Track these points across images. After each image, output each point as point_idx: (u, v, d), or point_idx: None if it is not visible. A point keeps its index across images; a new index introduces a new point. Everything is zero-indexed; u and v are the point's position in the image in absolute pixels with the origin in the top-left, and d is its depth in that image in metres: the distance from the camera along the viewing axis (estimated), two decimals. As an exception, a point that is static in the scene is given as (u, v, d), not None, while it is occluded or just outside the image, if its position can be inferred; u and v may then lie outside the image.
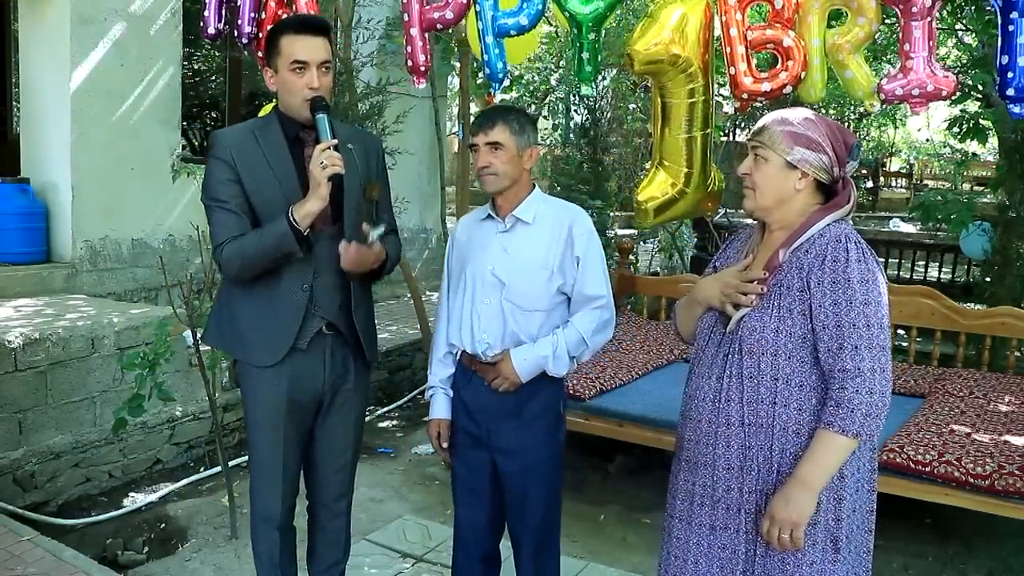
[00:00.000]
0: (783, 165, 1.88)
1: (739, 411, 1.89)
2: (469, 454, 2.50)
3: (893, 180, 19.93)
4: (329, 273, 2.39)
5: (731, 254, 2.10)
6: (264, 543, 2.55)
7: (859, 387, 1.77)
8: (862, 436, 1.79)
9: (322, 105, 2.29)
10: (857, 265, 1.81)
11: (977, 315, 4.67)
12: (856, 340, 1.78)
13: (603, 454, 4.60)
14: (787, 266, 1.88)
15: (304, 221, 2.24)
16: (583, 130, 7.59)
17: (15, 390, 3.83)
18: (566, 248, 2.39)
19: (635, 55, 2.75)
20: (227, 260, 2.31)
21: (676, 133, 2.86)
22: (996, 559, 3.70)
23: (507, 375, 2.37)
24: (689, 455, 2.00)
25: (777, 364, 1.85)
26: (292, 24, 2.36)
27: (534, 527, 2.49)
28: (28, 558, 3.10)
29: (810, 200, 1.91)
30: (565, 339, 2.39)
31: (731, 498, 1.92)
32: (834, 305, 1.80)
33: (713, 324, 2.00)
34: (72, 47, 5.25)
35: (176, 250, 5.89)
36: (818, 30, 2.42)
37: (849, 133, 1.91)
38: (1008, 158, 6.05)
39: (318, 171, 2.22)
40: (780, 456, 1.87)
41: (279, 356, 2.37)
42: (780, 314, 1.85)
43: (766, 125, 1.91)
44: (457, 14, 2.70)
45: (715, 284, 1.99)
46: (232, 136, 2.39)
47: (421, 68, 2.78)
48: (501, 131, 2.34)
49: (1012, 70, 2.12)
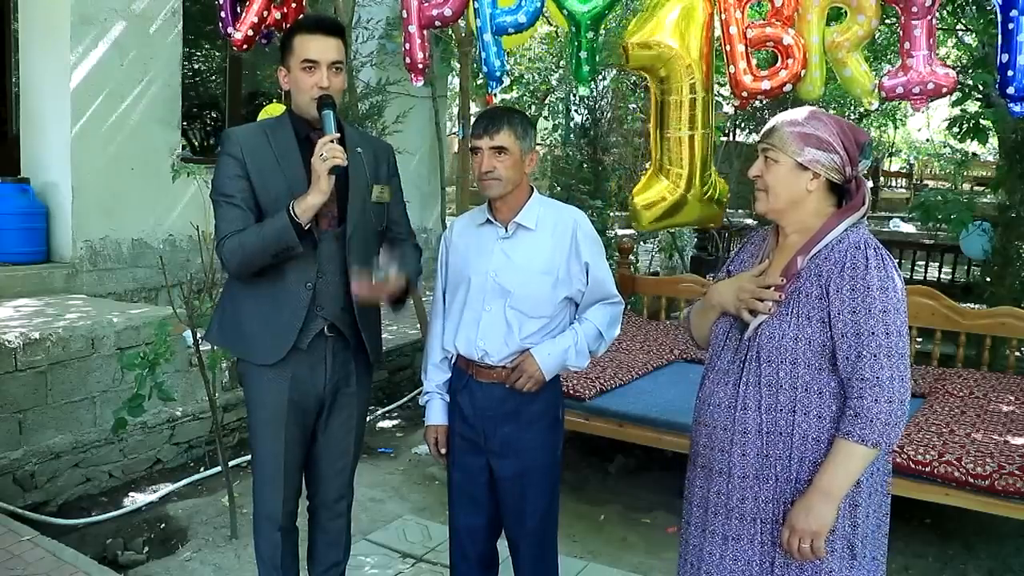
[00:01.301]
0: (794, 166, 1.86)
1: (756, 419, 1.87)
2: (466, 460, 2.48)
3: (893, 180, 19.91)
4: (333, 274, 2.39)
5: (745, 258, 2.07)
6: (266, 544, 2.55)
7: (878, 396, 1.75)
8: (882, 445, 1.77)
9: (329, 102, 2.31)
10: (876, 272, 1.78)
11: (977, 315, 4.67)
12: (875, 348, 1.76)
13: (603, 454, 4.60)
14: (805, 273, 1.85)
15: (305, 215, 2.24)
16: (583, 130, 7.58)
17: (15, 390, 3.83)
18: (571, 254, 2.37)
19: (629, 49, 2.74)
20: (229, 252, 2.31)
21: (672, 132, 2.83)
22: (996, 559, 3.70)
23: (532, 373, 2.34)
24: (705, 462, 1.97)
25: (796, 372, 1.83)
26: (306, 24, 2.39)
27: (532, 531, 2.48)
28: (28, 558, 3.10)
29: (823, 201, 1.89)
30: (584, 333, 2.39)
31: (746, 508, 1.90)
32: (853, 313, 1.78)
33: (728, 329, 1.97)
34: (72, 47, 5.25)
35: (176, 250, 5.89)
36: (817, 28, 2.42)
37: (860, 131, 1.89)
38: (1008, 158, 6.06)
39: (319, 163, 2.22)
40: (799, 465, 1.84)
41: (281, 354, 2.37)
42: (799, 322, 1.83)
43: (775, 126, 1.89)
44: (456, 11, 2.70)
45: (731, 289, 1.96)
46: (244, 134, 2.41)
47: (419, 66, 2.77)
48: (506, 135, 2.30)
49: (1012, 68, 2.11)
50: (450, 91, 9.58)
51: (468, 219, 2.52)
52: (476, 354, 2.39)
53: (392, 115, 6.04)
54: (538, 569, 2.53)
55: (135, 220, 5.70)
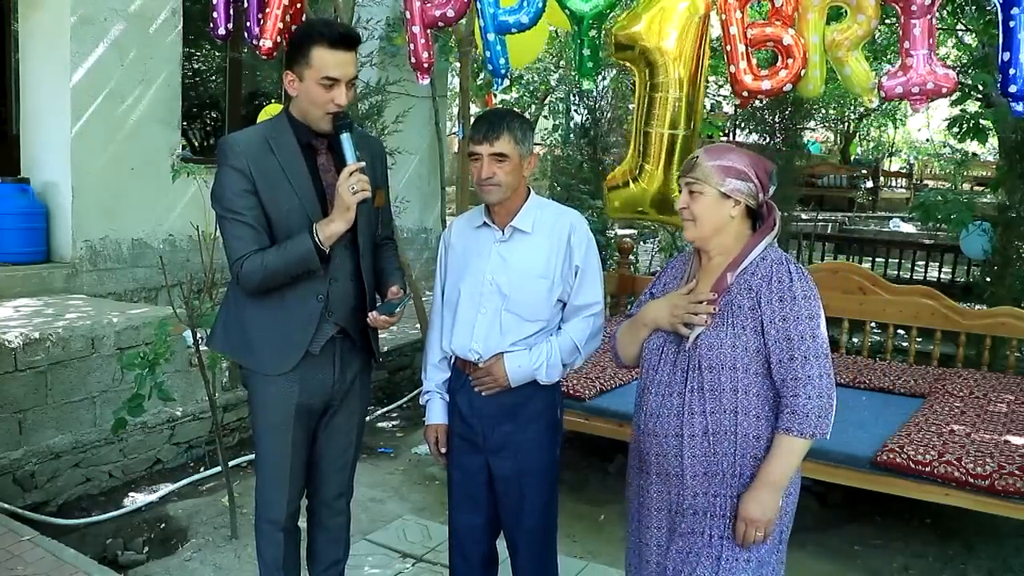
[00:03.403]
0: (718, 196, 2.05)
1: (703, 422, 2.03)
2: (465, 459, 2.48)
3: (893, 180, 19.93)
4: (344, 280, 2.39)
5: (667, 280, 2.25)
6: (269, 546, 2.54)
7: (810, 393, 1.95)
8: (816, 436, 1.97)
9: (347, 124, 2.27)
10: (799, 284, 2.00)
11: (977, 315, 4.68)
12: (805, 351, 1.96)
13: (603, 454, 4.60)
14: (736, 287, 2.04)
15: (328, 241, 2.24)
16: (583, 130, 7.59)
17: (15, 390, 3.83)
18: (565, 258, 2.37)
19: (612, 39, 2.74)
20: (247, 274, 2.27)
21: (653, 128, 2.80)
22: (996, 559, 3.70)
23: (497, 378, 2.36)
24: (659, 469, 2.11)
25: (736, 377, 2.01)
26: (328, 36, 2.24)
27: (530, 530, 2.48)
28: (28, 558, 3.10)
29: (742, 225, 2.09)
30: (560, 347, 2.38)
31: (698, 503, 2.06)
32: (783, 320, 1.99)
33: (663, 344, 2.13)
34: (72, 47, 5.25)
35: (176, 250, 5.89)
36: (817, 27, 2.41)
37: (767, 160, 2.11)
38: (1008, 158, 6.06)
39: (348, 196, 2.19)
40: (742, 461, 2.03)
41: (291, 365, 2.36)
42: (735, 331, 2.02)
43: (698, 162, 2.07)
44: (458, 12, 2.69)
45: (663, 307, 2.13)
46: (245, 143, 2.31)
47: (424, 65, 2.77)
48: (506, 141, 2.28)
49: (1014, 67, 2.10)
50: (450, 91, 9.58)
51: (466, 221, 2.51)
52: (471, 356, 2.39)
53: (392, 115, 6.04)
54: (537, 569, 2.53)
55: (135, 220, 5.70)
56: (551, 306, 2.38)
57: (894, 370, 4.62)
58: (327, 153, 2.37)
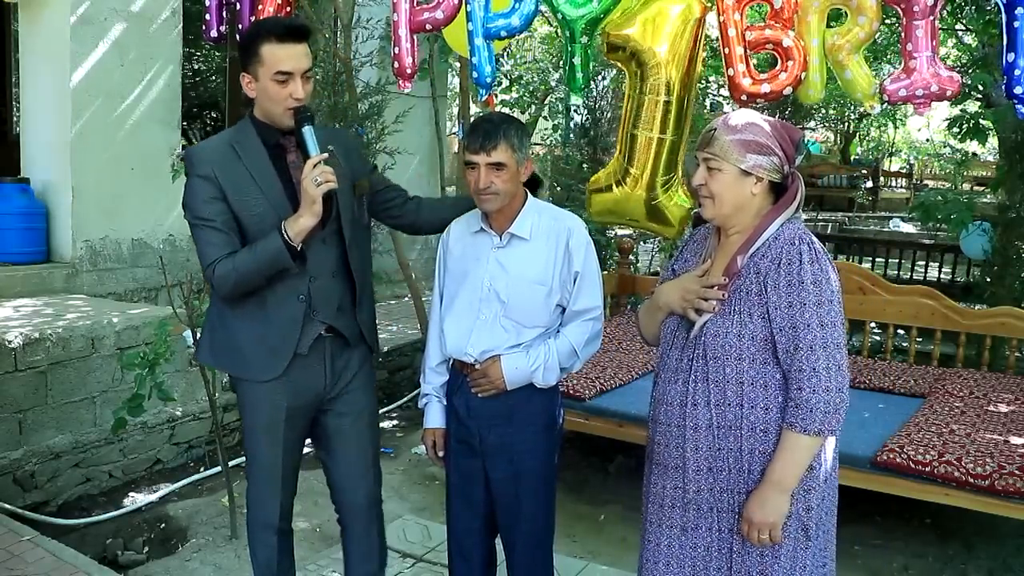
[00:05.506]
0: (738, 174, 1.91)
1: (707, 414, 1.93)
2: (463, 462, 2.47)
3: (893, 180, 19.91)
4: (325, 277, 2.36)
5: (688, 256, 2.13)
6: (262, 549, 2.53)
7: (815, 386, 1.82)
8: (824, 433, 1.84)
9: (307, 116, 2.24)
10: (810, 267, 1.85)
11: (977, 315, 4.68)
12: (811, 340, 1.83)
13: (603, 454, 4.60)
14: (745, 271, 1.92)
15: (298, 237, 2.20)
16: (583, 130, 7.58)
17: (15, 390, 3.83)
18: (564, 264, 2.35)
19: (604, 37, 2.71)
20: (220, 279, 2.25)
21: (640, 131, 2.76)
22: (996, 559, 3.70)
23: (494, 380, 2.34)
24: (660, 458, 2.03)
25: (741, 368, 1.90)
26: (274, 31, 2.22)
27: (526, 533, 2.46)
28: (28, 558, 3.11)
29: (765, 201, 1.95)
30: (557, 350, 2.37)
31: (702, 499, 1.96)
32: (789, 307, 1.85)
33: (676, 328, 2.03)
34: (72, 47, 5.25)
35: (176, 250, 5.89)
36: (817, 30, 2.40)
37: (793, 128, 1.95)
38: (1008, 158, 6.05)
39: (312, 188, 2.16)
40: (750, 456, 1.91)
41: (280, 370, 2.34)
42: (741, 319, 1.90)
43: (715, 136, 1.92)
44: (448, 15, 2.63)
45: (676, 290, 2.02)
46: (210, 151, 2.31)
47: (407, 71, 2.69)
48: (503, 150, 2.26)
49: (1019, 68, 2.07)
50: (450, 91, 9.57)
51: (464, 225, 2.50)
52: (468, 359, 2.39)
53: (392, 115, 6.04)
54: (532, 571, 2.52)
55: (135, 220, 5.71)
56: (550, 312, 2.37)
57: (894, 370, 4.62)
58: (297, 151, 2.33)
